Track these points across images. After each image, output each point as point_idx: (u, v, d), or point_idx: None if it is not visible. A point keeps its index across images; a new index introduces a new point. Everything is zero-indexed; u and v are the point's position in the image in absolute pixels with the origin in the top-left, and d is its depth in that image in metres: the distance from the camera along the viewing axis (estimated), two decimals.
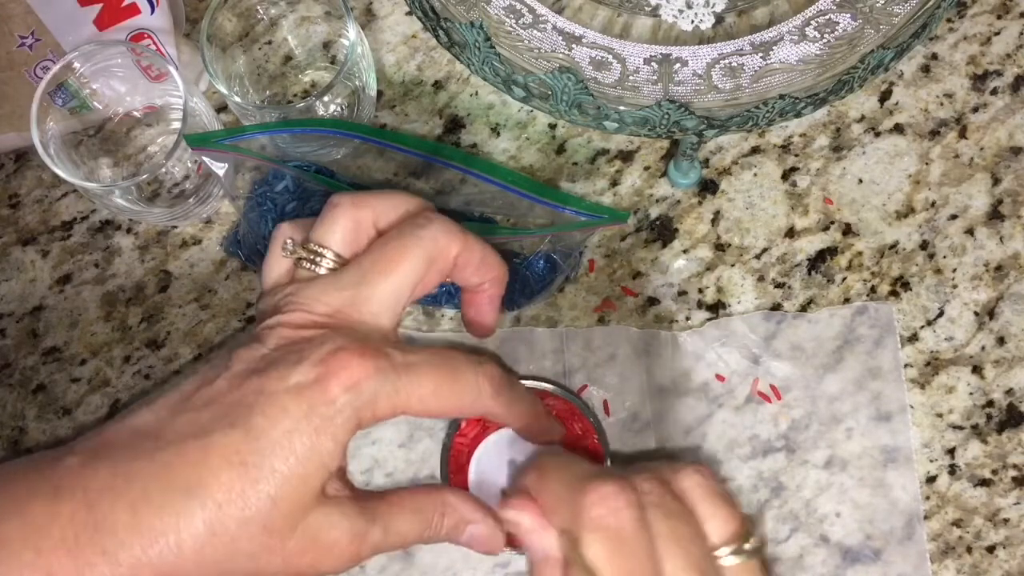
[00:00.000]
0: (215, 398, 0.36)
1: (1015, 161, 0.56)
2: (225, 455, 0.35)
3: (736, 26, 0.55)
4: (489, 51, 0.53)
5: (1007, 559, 0.52)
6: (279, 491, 0.35)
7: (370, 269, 0.40)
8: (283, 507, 0.35)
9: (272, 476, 0.35)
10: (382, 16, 0.59)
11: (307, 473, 0.36)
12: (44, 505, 0.34)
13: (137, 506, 0.34)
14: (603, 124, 0.54)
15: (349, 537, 0.37)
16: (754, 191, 0.56)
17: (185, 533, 0.34)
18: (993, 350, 0.54)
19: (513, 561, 0.52)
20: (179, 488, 0.34)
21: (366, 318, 0.39)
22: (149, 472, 0.35)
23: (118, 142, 0.58)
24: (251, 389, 0.36)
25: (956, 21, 0.58)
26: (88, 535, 0.34)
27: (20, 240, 0.58)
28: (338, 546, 0.37)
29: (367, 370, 0.36)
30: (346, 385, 0.36)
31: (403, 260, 0.39)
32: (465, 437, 0.49)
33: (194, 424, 0.36)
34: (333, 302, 0.39)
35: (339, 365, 0.36)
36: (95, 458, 0.35)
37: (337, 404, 0.36)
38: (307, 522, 0.36)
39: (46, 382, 0.56)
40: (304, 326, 0.38)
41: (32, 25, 0.57)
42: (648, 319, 0.55)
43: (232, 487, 0.35)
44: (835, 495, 0.52)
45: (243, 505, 0.35)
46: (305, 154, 0.55)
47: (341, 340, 0.37)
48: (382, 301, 0.39)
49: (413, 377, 0.38)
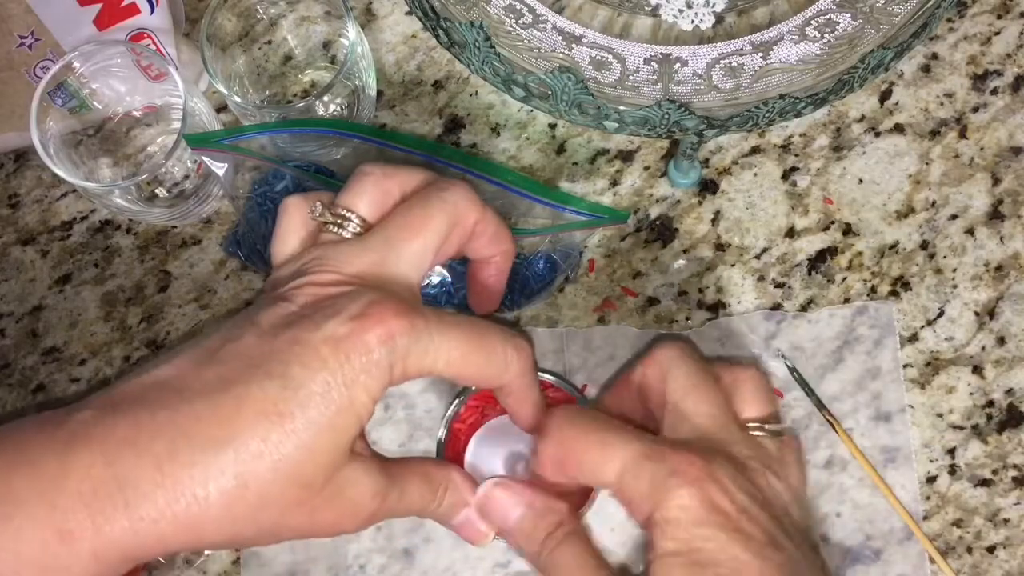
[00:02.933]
0: (245, 352, 0.36)
1: (1015, 161, 0.56)
2: (261, 407, 0.34)
3: (736, 26, 0.55)
4: (489, 51, 0.53)
5: (1007, 559, 0.52)
6: (316, 442, 0.35)
7: (396, 232, 0.40)
8: (319, 459, 0.35)
9: (309, 427, 0.35)
10: (382, 16, 0.59)
11: (343, 425, 0.35)
12: (57, 458, 0.33)
13: (162, 460, 0.33)
14: (603, 124, 0.54)
15: (371, 495, 0.37)
16: (754, 191, 0.56)
17: (214, 486, 0.34)
18: (993, 350, 0.54)
19: (513, 561, 0.52)
20: (211, 440, 0.34)
21: (395, 278, 0.39)
22: (176, 424, 0.34)
23: (118, 142, 0.58)
24: (286, 340, 0.36)
25: (956, 21, 0.58)
26: (107, 489, 0.33)
27: (20, 240, 0.58)
28: (361, 503, 0.37)
29: (403, 325, 0.36)
30: (382, 338, 0.36)
31: (428, 222, 0.40)
32: (463, 423, 0.49)
33: (224, 377, 0.35)
34: (362, 262, 0.39)
35: (376, 318, 0.36)
36: (113, 411, 0.35)
37: (374, 356, 0.36)
38: (337, 477, 0.36)
39: (46, 382, 0.56)
40: (334, 284, 0.38)
41: (32, 25, 0.57)
42: (648, 319, 0.55)
43: (268, 438, 0.34)
44: (835, 495, 0.52)
45: (279, 457, 0.34)
46: (305, 154, 0.55)
47: (375, 294, 0.37)
48: (410, 262, 0.39)
49: (445, 338, 0.38)
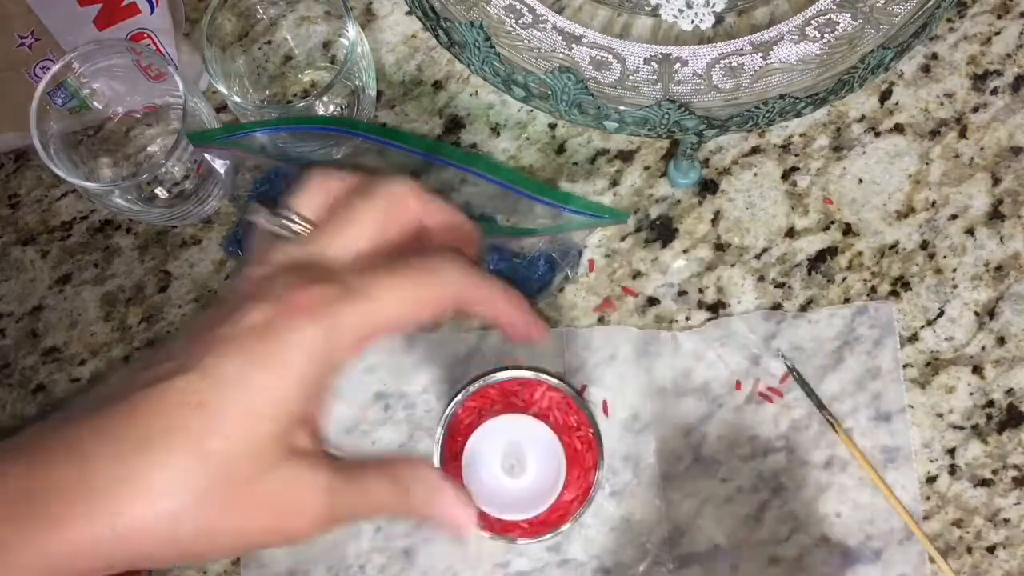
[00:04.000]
0: (173, 353, 0.35)
1: (1015, 161, 0.56)
2: (182, 397, 0.33)
3: (736, 26, 0.55)
4: (489, 51, 0.53)
5: (1007, 559, 0.51)
6: (235, 429, 0.33)
7: (328, 224, 0.39)
8: (243, 449, 0.33)
9: (228, 413, 0.33)
10: (382, 16, 0.59)
11: (266, 412, 0.34)
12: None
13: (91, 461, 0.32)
14: (603, 124, 0.54)
15: (317, 493, 0.35)
16: (754, 191, 0.56)
17: (144, 485, 0.32)
18: (993, 350, 0.54)
19: (513, 561, 0.52)
20: (135, 439, 0.33)
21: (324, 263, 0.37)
22: (104, 427, 0.33)
23: (118, 142, 0.58)
24: (207, 337, 0.35)
25: (956, 21, 0.58)
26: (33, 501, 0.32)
27: (20, 240, 0.57)
28: (306, 502, 0.35)
29: (317, 297, 0.35)
30: (299, 317, 0.34)
31: (362, 213, 0.38)
32: (460, 424, 0.49)
33: (150, 377, 0.34)
34: (293, 252, 0.37)
35: (292, 300, 0.35)
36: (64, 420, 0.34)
37: (293, 337, 0.34)
38: (274, 474, 0.34)
39: (46, 382, 0.56)
40: (263, 276, 0.37)
41: (32, 25, 0.57)
42: (648, 319, 0.55)
43: (189, 428, 0.33)
44: (835, 495, 0.52)
45: (200, 449, 0.33)
46: (305, 153, 0.55)
47: (295, 277, 0.36)
48: (342, 248, 0.38)
49: (372, 290, 0.36)
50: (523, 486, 0.48)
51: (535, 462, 0.48)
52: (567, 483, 0.48)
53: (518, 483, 0.48)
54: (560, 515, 0.49)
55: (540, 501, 0.48)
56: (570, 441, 0.49)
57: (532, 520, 0.48)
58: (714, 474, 0.53)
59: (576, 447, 0.49)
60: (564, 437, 0.49)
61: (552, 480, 0.48)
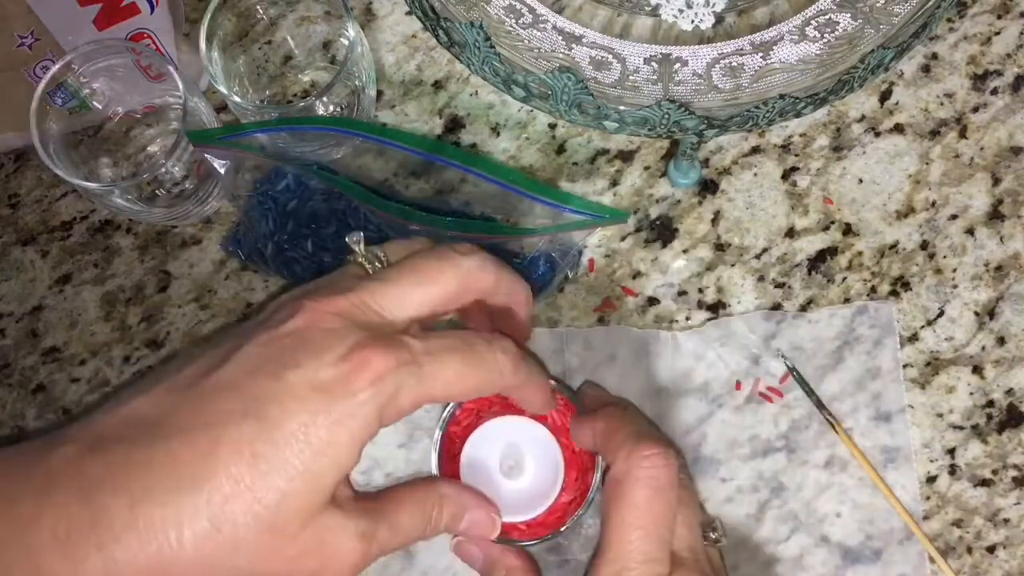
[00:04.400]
0: (225, 384, 0.35)
1: (1015, 161, 0.56)
2: (236, 447, 0.34)
3: (736, 26, 0.55)
4: (489, 51, 0.53)
5: (1007, 559, 0.51)
6: (290, 486, 0.34)
7: (403, 274, 0.40)
8: (292, 504, 0.34)
9: (284, 470, 0.34)
10: (382, 16, 0.59)
11: (321, 471, 0.35)
12: (33, 497, 0.33)
13: (136, 500, 0.33)
14: (603, 124, 0.54)
15: (356, 540, 0.37)
16: (754, 191, 0.56)
17: (187, 528, 0.33)
18: (993, 350, 0.54)
19: None
20: (184, 480, 0.33)
21: (384, 314, 0.38)
22: (151, 464, 0.33)
23: (118, 142, 0.58)
24: (266, 375, 0.35)
25: (956, 21, 0.58)
26: (82, 530, 0.32)
27: (20, 240, 0.57)
28: (345, 550, 0.36)
29: (389, 364, 0.36)
30: (369, 380, 0.35)
31: (437, 276, 0.40)
32: (458, 426, 0.50)
33: (201, 413, 0.34)
34: (360, 292, 0.38)
35: (362, 360, 0.35)
36: (91, 450, 0.34)
37: (358, 399, 0.35)
38: (315, 524, 0.35)
39: (46, 382, 0.56)
40: (325, 311, 0.37)
41: (32, 25, 0.57)
42: (648, 319, 0.55)
43: (241, 480, 0.33)
44: (835, 495, 0.52)
45: (251, 500, 0.33)
46: (305, 153, 0.55)
47: (361, 335, 0.36)
48: (404, 306, 0.39)
49: (434, 366, 0.37)
50: (521, 488, 0.48)
51: (533, 464, 0.48)
52: (565, 485, 0.48)
53: (516, 485, 0.48)
54: (558, 517, 0.49)
55: (538, 503, 0.48)
56: (568, 443, 0.49)
57: (530, 522, 0.48)
58: (714, 474, 0.53)
59: (574, 448, 0.49)
60: (562, 439, 0.49)
61: (550, 482, 0.48)
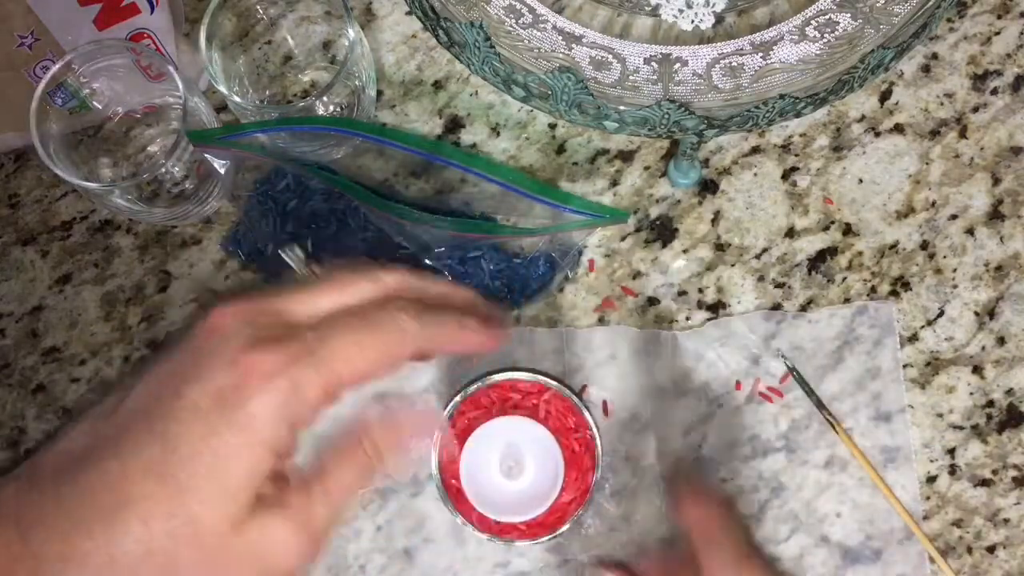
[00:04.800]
0: (135, 408, 0.35)
1: (1015, 161, 0.56)
2: (145, 468, 0.33)
3: (736, 26, 0.55)
4: (489, 51, 0.53)
5: (1007, 559, 0.51)
6: (205, 499, 0.33)
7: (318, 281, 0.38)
8: (210, 517, 0.33)
9: (194, 487, 0.33)
10: (382, 16, 0.59)
11: (232, 482, 0.34)
12: None
13: (67, 532, 0.33)
14: (603, 124, 0.54)
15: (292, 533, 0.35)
16: (754, 191, 0.56)
17: (119, 553, 0.33)
18: (993, 350, 0.54)
19: (513, 561, 0.52)
20: (105, 510, 0.33)
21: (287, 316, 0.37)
22: (77, 495, 0.33)
23: (118, 142, 0.58)
24: (169, 394, 0.34)
25: (956, 21, 0.58)
26: (24, 566, 0.33)
27: (20, 240, 0.57)
28: (283, 547, 0.35)
29: (278, 361, 0.34)
30: (260, 383, 0.34)
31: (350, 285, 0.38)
32: (458, 427, 0.50)
33: (116, 441, 0.34)
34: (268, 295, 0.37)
35: (249, 364, 0.34)
36: (29, 488, 0.34)
37: (254, 403, 0.34)
38: (245, 530, 0.34)
39: (46, 382, 0.56)
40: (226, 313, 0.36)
41: (32, 25, 0.57)
42: (648, 319, 0.55)
43: (157, 501, 0.33)
44: (835, 495, 0.52)
45: (169, 519, 0.33)
46: (305, 153, 0.55)
47: (250, 334, 0.35)
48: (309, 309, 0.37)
49: (329, 347, 0.35)
50: (521, 488, 0.48)
51: (533, 464, 0.48)
52: (565, 485, 0.48)
53: (516, 485, 0.48)
54: (558, 517, 0.49)
55: (538, 503, 0.48)
56: (568, 443, 0.49)
57: (530, 522, 0.48)
58: (714, 474, 0.53)
59: (574, 449, 0.49)
60: (562, 439, 0.49)
61: (550, 482, 0.48)
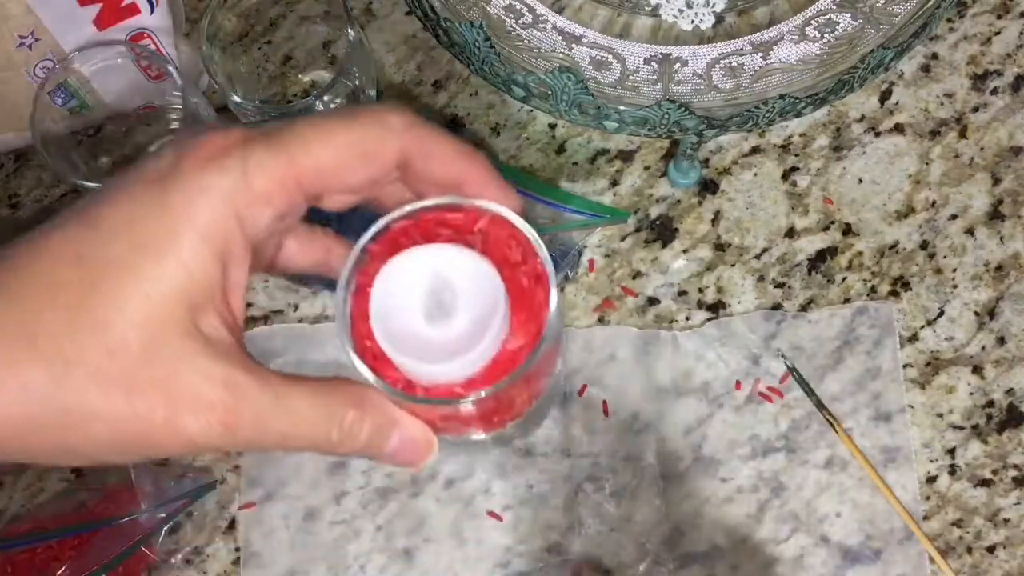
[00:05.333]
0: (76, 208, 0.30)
1: (1015, 161, 0.56)
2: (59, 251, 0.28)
3: (736, 26, 0.55)
4: (489, 51, 0.53)
5: (1007, 559, 0.52)
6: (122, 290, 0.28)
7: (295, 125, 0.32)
8: (129, 313, 0.28)
9: (114, 271, 0.28)
10: (382, 16, 0.59)
11: (161, 273, 0.28)
12: None
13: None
14: (603, 124, 0.54)
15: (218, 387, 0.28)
16: (754, 191, 0.56)
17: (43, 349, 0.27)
18: (993, 350, 0.54)
19: (513, 561, 0.52)
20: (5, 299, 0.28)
21: None
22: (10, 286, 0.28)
23: (118, 142, 0.58)
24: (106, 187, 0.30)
25: (956, 21, 0.58)
26: None
27: None
28: (200, 395, 0.28)
29: (229, 140, 0.29)
30: (204, 160, 0.29)
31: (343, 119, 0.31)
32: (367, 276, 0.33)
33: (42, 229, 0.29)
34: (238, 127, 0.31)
35: (198, 143, 0.29)
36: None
37: (194, 183, 0.28)
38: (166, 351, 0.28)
39: None
40: None
41: (32, 25, 0.57)
42: (648, 319, 0.55)
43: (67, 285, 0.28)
44: (835, 495, 0.52)
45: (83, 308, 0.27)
46: None
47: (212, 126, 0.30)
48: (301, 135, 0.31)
49: (294, 129, 0.30)
50: (452, 336, 0.33)
51: (467, 304, 0.33)
52: (512, 328, 0.34)
53: (445, 332, 0.33)
54: (503, 369, 0.34)
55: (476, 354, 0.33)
56: (513, 275, 0.34)
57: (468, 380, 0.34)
58: (714, 474, 0.53)
59: (522, 283, 0.34)
60: (505, 271, 0.34)
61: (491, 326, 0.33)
